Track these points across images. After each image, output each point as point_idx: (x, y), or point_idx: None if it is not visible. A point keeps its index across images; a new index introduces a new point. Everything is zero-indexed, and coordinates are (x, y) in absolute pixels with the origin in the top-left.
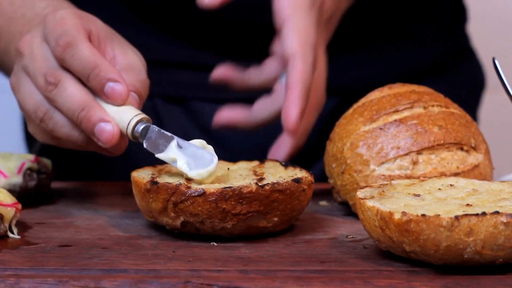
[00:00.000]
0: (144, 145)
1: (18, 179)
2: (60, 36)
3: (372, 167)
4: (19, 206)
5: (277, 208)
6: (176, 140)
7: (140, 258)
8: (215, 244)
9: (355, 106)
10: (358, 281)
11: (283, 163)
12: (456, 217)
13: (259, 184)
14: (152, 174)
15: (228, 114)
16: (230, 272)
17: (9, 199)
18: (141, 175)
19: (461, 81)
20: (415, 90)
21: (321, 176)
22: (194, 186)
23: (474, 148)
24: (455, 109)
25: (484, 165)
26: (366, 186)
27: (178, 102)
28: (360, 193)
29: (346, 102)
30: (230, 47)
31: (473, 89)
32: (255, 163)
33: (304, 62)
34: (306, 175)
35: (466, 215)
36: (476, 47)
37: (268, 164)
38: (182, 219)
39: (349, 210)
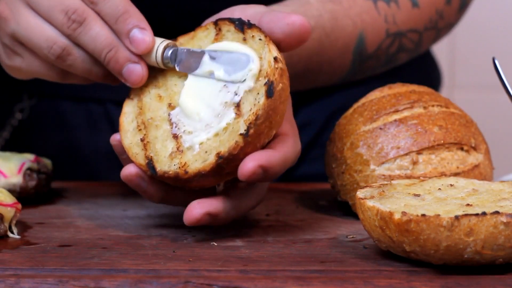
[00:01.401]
0: (177, 69)
1: (18, 179)
2: None
3: (372, 167)
4: (19, 206)
5: (268, 132)
6: (207, 53)
7: (140, 258)
8: (215, 244)
9: (355, 106)
10: (358, 281)
11: (237, 26)
12: (456, 217)
13: (242, 133)
14: (138, 128)
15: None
16: (230, 272)
17: (9, 199)
18: (128, 141)
19: (415, 78)
20: (415, 90)
21: (316, 176)
22: (189, 169)
23: (474, 148)
24: (455, 109)
25: (484, 165)
26: (366, 186)
27: None
28: (360, 193)
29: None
30: None
31: (428, 86)
32: (212, 35)
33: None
34: (273, 66)
35: (466, 215)
36: (476, 47)
37: (226, 34)
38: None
39: (349, 210)
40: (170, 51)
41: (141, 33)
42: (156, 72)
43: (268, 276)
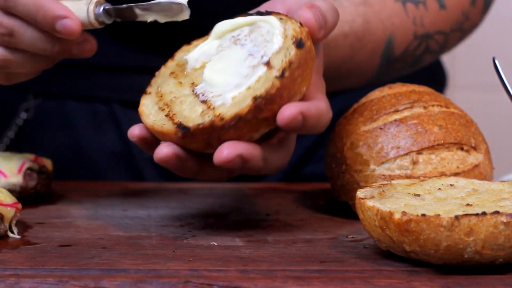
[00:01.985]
0: (112, 21)
1: (18, 179)
2: None
3: (372, 167)
4: (19, 206)
5: (301, 83)
6: (136, 6)
7: (140, 258)
8: (215, 244)
9: (355, 105)
10: (358, 281)
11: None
12: (456, 217)
13: (278, 76)
14: (162, 108)
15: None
16: (230, 272)
17: (9, 199)
18: (152, 119)
19: (420, 78)
20: (415, 90)
21: (320, 176)
22: (225, 115)
23: (474, 148)
24: (455, 109)
25: (484, 165)
26: (366, 186)
27: (136, 107)
28: (360, 193)
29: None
30: None
31: (434, 87)
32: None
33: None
34: (298, 29)
35: (466, 215)
36: (476, 47)
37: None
38: None
39: (349, 210)
40: (101, 9)
41: (65, 22)
42: (174, 69)
43: (268, 276)
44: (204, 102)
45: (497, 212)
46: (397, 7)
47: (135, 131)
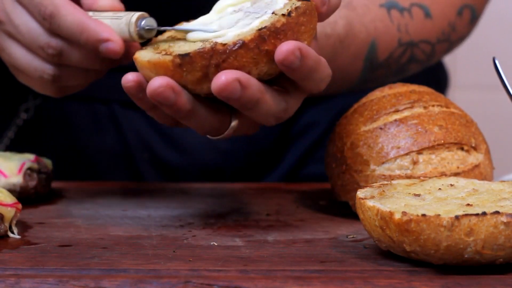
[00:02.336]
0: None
1: (18, 179)
2: (40, 5)
3: (372, 167)
4: (19, 206)
5: (304, 32)
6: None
7: (140, 258)
8: (215, 244)
9: (355, 105)
10: (358, 281)
11: None
12: (457, 217)
13: (285, 14)
14: (159, 52)
15: None
16: (230, 272)
17: (9, 199)
18: (149, 56)
19: (423, 79)
20: (415, 90)
21: (320, 176)
22: (227, 41)
23: (475, 148)
24: (455, 109)
25: (485, 165)
26: (366, 186)
27: (136, 107)
28: (360, 193)
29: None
30: None
31: (435, 87)
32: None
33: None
34: None
35: (466, 215)
36: (476, 47)
37: None
38: None
39: (349, 210)
40: (143, 27)
41: (108, 45)
42: (173, 34)
43: (268, 276)
44: (205, 41)
45: (497, 212)
46: (381, 12)
47: (128, 76)
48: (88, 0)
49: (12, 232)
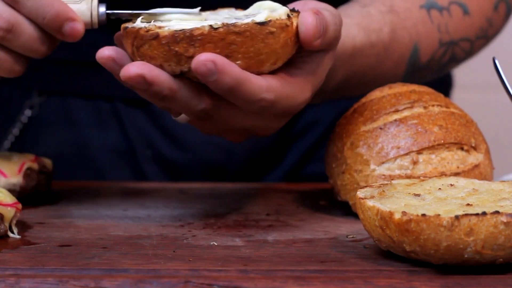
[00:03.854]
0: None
1: (18, 179)
2: None
3: (372, 167)
4: (19, 206)
5: (237, 51)
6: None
7: (140, 258)
8: (215, 244)
9: (355, 105)
10: (358, 281)
11: None
12: (456, 217)
13: (213, 26)
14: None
15: None
16: (230, 272)
17: (9, 199)
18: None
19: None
20: (415, 89)
21: (321, 176)
22: (152, 30)
23: (474, 148)
24: (455, 109)
25: (484, 165)
26: (366, 186)
27: (138, 105)
28: (360, 193)
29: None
30: None
31: (439, 88)
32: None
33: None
34: (279, 17)
35: (466, 215)
36: None
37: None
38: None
39: (349, 210)
40: (104, 13)
41: (73, 25)
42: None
43: (268, 276)
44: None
45: (497, 212)
46: (422, 14)
47: (105, 52)
48: None
49: (12, 232)
